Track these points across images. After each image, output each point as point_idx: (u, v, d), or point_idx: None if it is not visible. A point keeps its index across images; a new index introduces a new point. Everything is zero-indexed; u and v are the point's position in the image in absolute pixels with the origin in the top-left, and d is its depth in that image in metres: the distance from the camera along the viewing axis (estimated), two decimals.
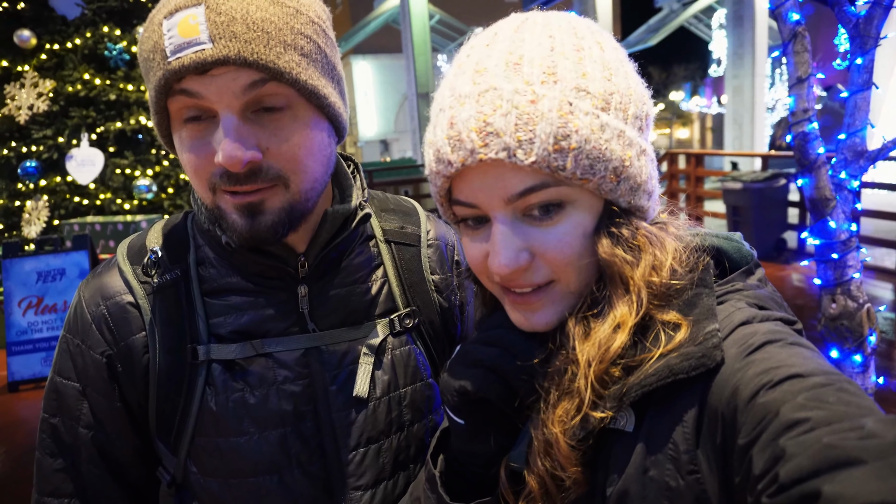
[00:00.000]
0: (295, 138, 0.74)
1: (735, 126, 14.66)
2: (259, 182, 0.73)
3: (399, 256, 0.95)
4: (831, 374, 0.49)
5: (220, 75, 0.69)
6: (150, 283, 0.84)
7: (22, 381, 4.61)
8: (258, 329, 0.83)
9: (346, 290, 0.88)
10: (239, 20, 0.69)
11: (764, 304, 0.61)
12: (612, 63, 0.61)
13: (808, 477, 0.40)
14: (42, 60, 6.18)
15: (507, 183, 0.57)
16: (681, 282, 0.60)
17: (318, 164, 0.79)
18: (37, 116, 6.07)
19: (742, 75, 14.35)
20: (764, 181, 7.07)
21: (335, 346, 0.85)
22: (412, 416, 0.89)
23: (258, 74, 0.70)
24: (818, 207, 2.29)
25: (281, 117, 0.73)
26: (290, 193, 0.76)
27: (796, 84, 2.25)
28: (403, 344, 0.90)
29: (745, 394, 0.49)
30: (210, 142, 0.72)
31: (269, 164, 0.73)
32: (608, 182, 0.58)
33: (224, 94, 0.70)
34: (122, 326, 0.82)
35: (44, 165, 6.09)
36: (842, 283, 2.28)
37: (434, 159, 0.61)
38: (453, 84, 0.61)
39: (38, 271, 4.73)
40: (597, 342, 0.58)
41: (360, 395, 0.85)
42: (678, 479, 0.53)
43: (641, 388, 0.55)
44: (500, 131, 0.55)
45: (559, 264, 0.60)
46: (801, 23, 2.24)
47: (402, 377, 0.89)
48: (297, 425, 0.82)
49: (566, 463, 0.58)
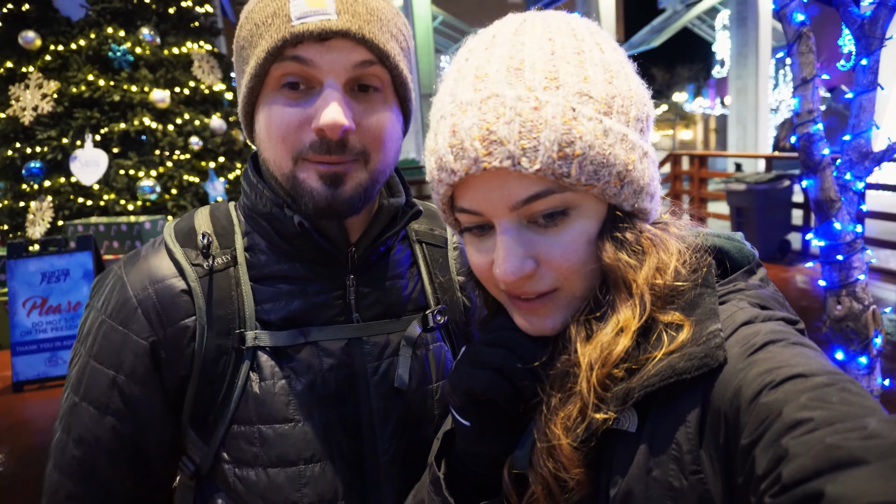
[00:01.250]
0: (382, 120, 0.80)
1: (739, 127, 14.63)
2: (345, 155, 0.77)
3: (430, 256, 0.98)
4: (834, 374, 0.49)
5: (337, 47, 0.75)
6: (202, 266, 0.84)
7: (26, 382, 4.62)
8: (305, 317, 0.85)
9: (389, 283, 0.91)
10: (360, 2, 0.77)
11: (766, 304, 0.61)
12: (613, 65, 0.60)
13: (810, 477, 0.40)
14: (46, 61, 6.21)
15: (512, 190, 0.57)
16: (684, 284, 0.60)
17: (393, 149, 0.84)
18: (41, 117, 6.10)
19: (746, 76, 14.32)
20: (768, 182, 7.05)
21: (377, 337, 0.88)
22: (441, 409, 0.91)
23: (368, 55, 0.77)
24: (823, 209, 2.28)
25: (375, 98, 0.80)
26: (367, 171, 0.80)
27: (801, 85, 2.24)
28: (435, 340, 0.93)
29: (748, 394, 0.49)
30: (307, 108, 0.76)
31: (358, 138, 0.78)
32: (612, 187, 0.58)
33: (336, 65, 0.75)
34: (172, 311, 0.82)
35: (48, 166, 6.11)
36: (847, 284, 2.27)
37: (436, 167, 0.60)
38: (454, 90, 0.60)
39: (43, 272, 4.74)
40: (599, 345, 0.58)
41: (402, 386, 0.87)
42: (681, 480, 0.53)
43: (644, 389, 0.55)
44: (503, 139, 0.55)
45: (564, 271, 0.60)
46: (806, 24, 2.23)
47: (435, 372, 0.91)
48: (339, 415, 0.84)
49: (569, 465, 0.58)
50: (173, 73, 6.70)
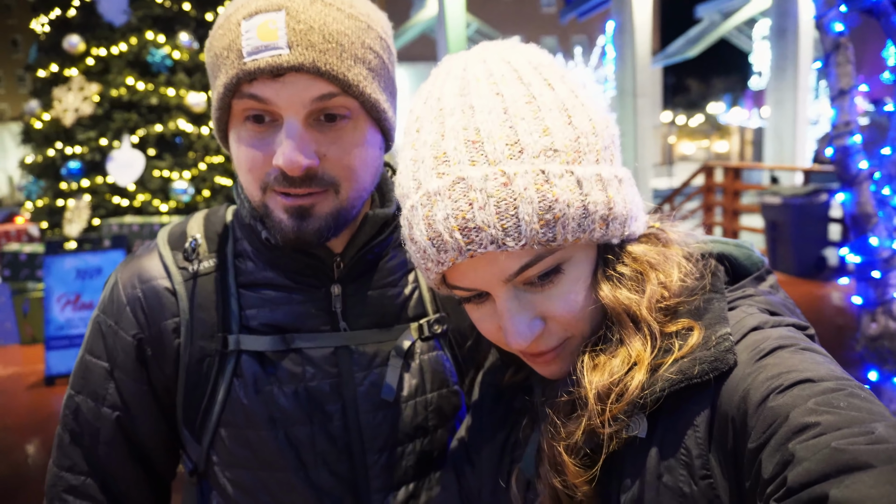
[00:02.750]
0: (352, 149, 0.77)
1: (776, 139, 14.31)
2: (313, 186, 0.75)
3: None
4: (842, 380, 0.48)
5: (292, 82, 0.71)
6: (187, 270, 0.85)
7: (59, 376, 4.75)
8: (290, 324, 0.84)
9: (379, 292, 0.89)
10: (317, 30, 0.72)
11: (776, 310, 0.60)
12: (567, 101, 0.59)
13: (816, 481, 0.40)
14: (89, 65, 6.40)
15: (502, 266, 0.57)
16: (690, 298, 0.60)
17: (369, 174, 0.81)
18: (82, 119, 6.28)
19: (784, 88, 14.01)
20: (804, 196, 6.87)
21: (365, 347, 0.86)
22: (437, 421, 0.90)
23: (328, 87, 0.73)
24: (859, 224, 2.21)
25: (343, 127, 0.76)
26: (339, 200, 0.78)
27: (838, 96, 2.18)
28: (431, 349, 0.91)
29: (756, 398, 0.49)
30: (270, 143, 0.74)
31: (325, 170, 0.75)
32: (598, 231, 0.57)
33: (293, 101, 0.72)
34: (157, 310, 0.84)
35: (87, 166, 6.29)
36: (883, 302, 2.19)
37: (419, 257, 0.60)
38: (416, 174, 0.59)
39: (78, 269, 4.88)
40: (608, 374, 0.57)
41: (388, 398, 0.85)
42: (692, 485, 0.53)
43: (654, 395, 0.54)
44: (482, 226, 0.54)
45: (570, 321, 0.61)
46: (845, 34, 2.17)
47: (430, 382, 0.89)
48: (324, 425, 0.83)
49: (578, 484, 0.58)
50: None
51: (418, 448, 0.88)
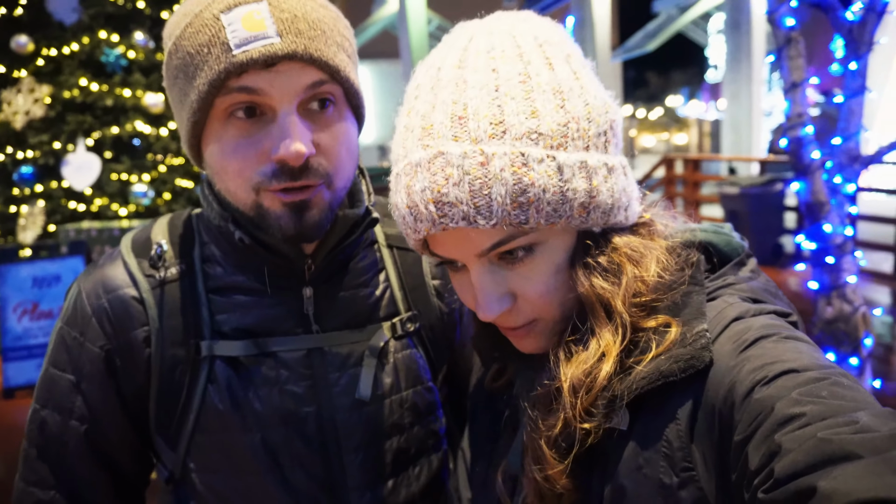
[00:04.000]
0: (339, 135, 0.77)
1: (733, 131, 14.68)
2: (310, 178, 0.74)
3: (401, 261, 0.95)
4: (826, 368, 0.48)
5: (285, 72, 0.71)
6: (154, 277, 0.83)
7: (17, 388, 4.58)
8: (262, 328, 0.83)
9: (351, 292, 0.89)
10: (301, 18, 0.72)
11: (758, 297, 0.60)
12: (564, 83, 0.58)
13: (803, 472, 0.41)
14: (39, 66, 6.17)
15: (474, 241, 0.58)
16: (668, 294, 0.60)
17: (353, 161, 0.82)
18: (33, 122, 6.06)
19: (739, 80, 14.37)
20: (761, 186, 7.07)
21: (338, 348, 0.86)
22: (412, 418, 0.90)
23: (319, 74, 0.73)
24: (813, 211, 2.29)
25: (330, 114, 0.77)
26: (331, 191, 0.78)
27: (791, 89, 2.26)
28: (405, 347, 0.91)
29: (741, 391, 0.49)
30: (261, 139, 0.73)
31: (319, 160, 0.75)
32: (576, 218, 0.57)
33: (287, 90, 0.71)
34: (124, 320, 0.82)
35: (40, 171, 6.08)
36: (837, 286, 2.28)
37: (401, 223, 0.61)
38: (405, 143, 0.60)
39: (34, 277, 4.71)
40: (581, 367, 0.58)
41: (363, 397, 0.85)
42: (671, 476, 0.53)
43: (632, 393, 0.55)
44: (455, 201, 0.55)
45: (539, 303, 0.61)
46: (796, 28, 2.25)
47: (404, 380, 0.89)
48: (299, 426, 0.83)
49: (556, 476, 0.58)
50: None
51: (395, 446, 0.88)
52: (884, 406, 0.45)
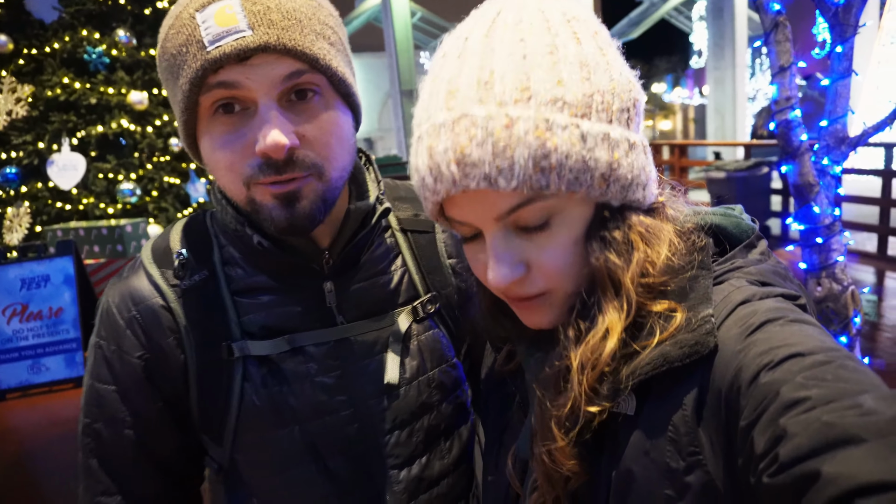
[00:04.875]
0: (327, 125, 0.77)
1: (717, 116, 14.79)
2: (296, 170, 0.74)
3: (416, 244, 0.97)
4: (832, 351, 0.48)
5: (260, 64, 0.71)
6: (178, 285, 0.85)
7: (9, 390, 4.55)
8: (288, 325, 0.85)
9: (370, 282, 0.90)
10: (274, 9, 0.72)
11: (766, 280, 0.60)
12: (591, 57, 0.58)
13: (807, 455, 0.41)
14: (20, 65, 6.09)
15: (494, 204, 0.58)
16: (674, 278, 0.60)
17: (346, 151, 0.81)
18: (16, 122, 5.98)
19: (723, 66, 14.47)
20: (747, 170, 7.14)
21: (363, 337, 0.88)
22: (440, 396, 0.93)
23: (296, 64, 0.73)
24: (802, 193, 2.32)
25: (315, 105, 0.76)
26: (323, 182, 0.78)
27: (779, 73, 2.28)
28: (427, 329, 0.93)
29: (747, 375, 0.49)
30: (245, 133, 0.73)
31: (305, 152, 0.75)
32: (596, 189, 0.57)
33: (264, 82, 0.72)
34: (156, 329, 0.84)
35: (24, 171, 6.01)
36: (826, 266, 2.32)
37: (420, 185, 0.61)
38: (428, 107, 0.60)
39: (22, 278, 4.66)
40: (589, 347, 0.58)
41: (392, 382, 0.87)
42: (678, 461, 0.54)
43: (637, 378, 0.55)
44: (477, 161, 0.54)
45: (553, 274, 0.60)
46: (782, 12, 2.27)
47: (430, 361, 0.92)
48: (334, 416, 0.85)
49: (563, 458, 0.59)
50: (151, 74, 6.61)
51: (426, 424, 0.91)
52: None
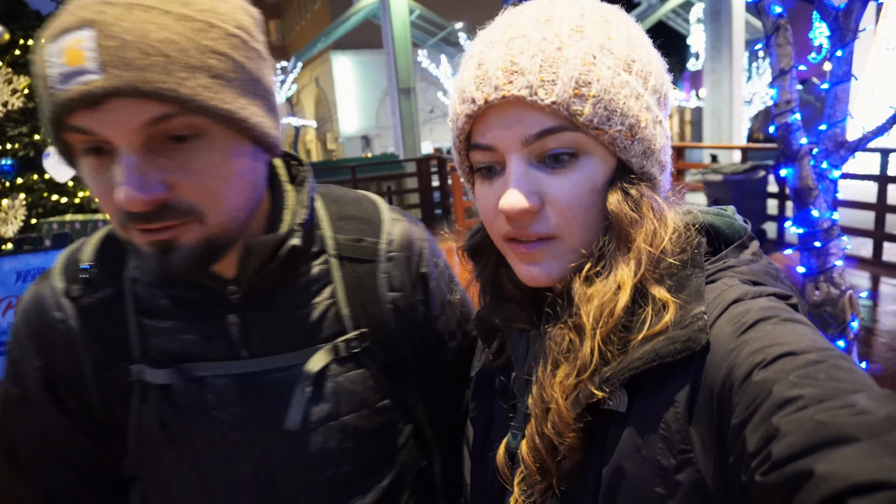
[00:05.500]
0: (210, 171, 0.67)
1: (714, 119, 14.83)
2: (169, 219, 0.66)
3: (351, 274, 0.87)
4: (824, 351, 0.48)
5: (115, 110, 0.62)
6: (80, 301, 0.80)
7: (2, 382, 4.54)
8: (190, 352, 0.79)
9: (285, 314, 0.82)
10: (133, 44, 0.61)
11: (758, 280, 0.60)
12: (637, 38, 0.63)
13: (800, 454, 0.41)
14: (16, 56, 6.05)
15: (526, 123, 0.59)
16: (672, 260, 0.61)
17: (240, 193, 0.72)
18: (11, 113, 5.95)
19: (720, 69, 14.51)
20: (743, 173, 7.17)
21: (271, 374, 0.81)
22: (354, 443, 0.85)
23: (160, 108, 0.63)
24: (801, 197, 2.33)
25: (192, 148, 0.66)
26: (206, 227, 0.69)
27: (779, 76, 2.29)
28: (350, 369, 0.85)
29: (740, 374, 0.49)
30: (109, 179, 0.65)
31: (179, 199, 0.66)
32: (623, 139, 0.60)
33: (121, 129, 0.63)
34: (53, 344, 0.80)
35: (20, 163, 5.97)
36: (824, 270, 2.33)
37: (458, 101, 0.64)
38: (485, 35, 0.64)
39: (18, 271, 4.64)
40: (600, 304, 0.59)
41: (292, 427, 0.81)
42: (669, 458, 0.54)
43: (629, 372, 0.56)
44: (524, 70, 0.58)
45: (567, 215, 0.61)
46: (784, 15, 2.28)
47: (345, 404, 0.84)
48: (230, 452, 0.80)
49: (564, 428, 0.58)
50: None
51: (334, 473, 0.84)
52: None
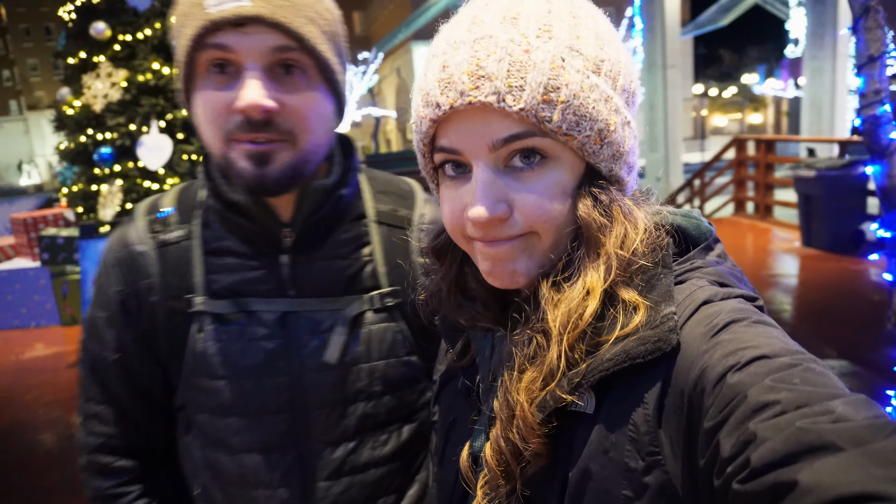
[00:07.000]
0: (306, 100, 0.85)
1: (813, 110, 13.84)
2: (273, 132, 0.82)
3: (389, 238, 1.01)
4: (797, 354, 0.48)
5: (253, 33, 0.80)
6: (157, 237, 0.96)
7: None
8: (245, 289, 0.94)
9: (329, 263, 0.96)
10: None
11: (724, 281, 0.59)
12: (605, 34, 0.61)
13: (781, 462, 0.40)
14: (115, 51, 6.49)
15: (493, 128, 0.57)
16: (643, 262, 0.59)
17: (323, 129, 0.88)
18: (111, 105, 6.40)
19: (822, 56, 13.50)
20: (840, 169, 6.67)
21: (312, 314, 0.94)
22: (382, 387, 0.97)
23: (285, 40, 0.81)
24: (890, 197, 2.14)
25: (299, 79, 0.84)
26: (296, 151, 0.85)
27: (867, 63, 2.10)
28: (383, 321, 0.97)
29: (712, 376, 0.49)
30: (231, 91, 0.82)
31: (283, 118, 0.82)
32: (592, 143, 0.58)
33: (253, 49, 0.80)
34: (134, 271, 0.96)
35: (118, 151, 6.42)
36: None
37: (422, 104, 0.61)
38: (448, 34, 0.61)
39: None
40: (568, 309, 0.57)
41: (329, 361, 0.93)
42: (637, 461, 0.53)
43: (599, 373, 0.54)
44: (491, 75, 0.55)
45: (536, 220, 0.59)
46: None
47: (377, 350, 0.96)
48: (269, 380, 0.92)
49: (529, 434, 0.57)
50: None
51: (360, 410, 0.96)
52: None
